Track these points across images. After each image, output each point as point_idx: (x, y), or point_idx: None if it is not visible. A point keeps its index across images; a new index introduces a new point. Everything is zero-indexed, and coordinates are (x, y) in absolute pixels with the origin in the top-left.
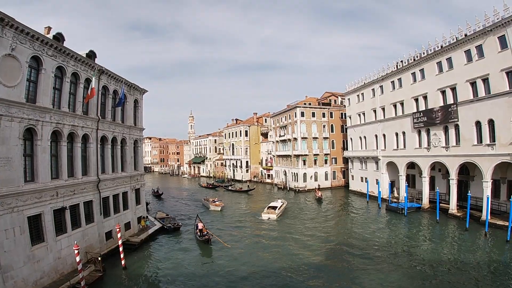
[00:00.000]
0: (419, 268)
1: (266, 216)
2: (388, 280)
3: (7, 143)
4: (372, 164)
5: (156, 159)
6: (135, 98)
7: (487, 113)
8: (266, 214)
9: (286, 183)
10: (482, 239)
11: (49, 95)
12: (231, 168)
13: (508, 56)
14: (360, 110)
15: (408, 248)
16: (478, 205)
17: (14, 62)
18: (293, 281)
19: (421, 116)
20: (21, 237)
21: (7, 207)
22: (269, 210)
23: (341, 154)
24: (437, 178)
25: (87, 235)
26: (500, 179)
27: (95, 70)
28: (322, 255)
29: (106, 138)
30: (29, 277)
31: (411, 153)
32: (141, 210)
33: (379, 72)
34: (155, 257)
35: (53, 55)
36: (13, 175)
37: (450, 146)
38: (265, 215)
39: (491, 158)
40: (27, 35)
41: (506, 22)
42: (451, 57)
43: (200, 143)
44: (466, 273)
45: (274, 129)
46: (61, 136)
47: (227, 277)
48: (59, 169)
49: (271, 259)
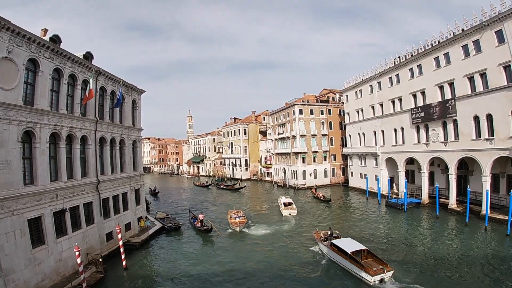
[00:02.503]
0: (420, 263)
1: (287, 212)
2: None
3: (5, 146)
4: (371, 161)
5: (155, 159)
6: (133, 99)
7: (485, 107)
8: (287, 211)
9: (286, 180)
10: (482, 233)
11: (47, 97)
12: (231, 167)
13: (505, 51)
14: (358, 107)
15: (408, 244)
16: (477, 200)
17: (11, 65)
18: (290, 276)
19: (419, 111)
20: (22, 240)
21: (7, 210)
22: (287, 207)
23: (340, 151)
24: (436, 174)
25: (87, 236)
26: (499, 173)
27: (92, 71)
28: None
29: (105, 139)
30: (30, 280)
31: (410, 149)
32: (141, 211)
33: (376, 69)
34: (156, 257)
35: (50, 57)
36: (12, 178)
37: (449, 141)
38: (285, 211)
39: (490, 152)
40: (24, 37)
41: (503, 17)
42: (448, 52)
43: (199, 142)
44: (467, 268)
45: (273, 127)
46: (59, 138)
47: (229, 275)
48: (58, 171)
49: (272, 257)
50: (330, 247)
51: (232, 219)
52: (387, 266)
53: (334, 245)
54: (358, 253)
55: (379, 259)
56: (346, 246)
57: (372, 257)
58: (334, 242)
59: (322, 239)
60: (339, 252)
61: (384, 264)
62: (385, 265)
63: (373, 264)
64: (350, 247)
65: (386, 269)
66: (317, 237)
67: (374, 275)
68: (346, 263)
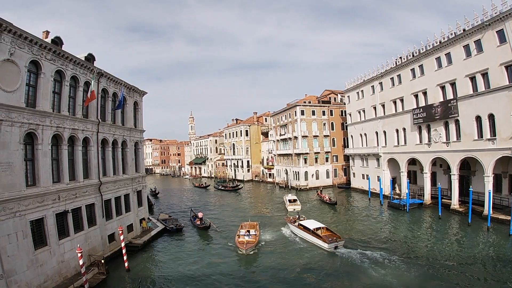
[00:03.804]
0: (422, 264)
1: (292, 208)
2: (390, 276)
3: (7, 148)
4: (373, 161)
5: (157, 161)
6: (134, 100)
7: (487, 107)
8: (292, 206)
9: (288, 181)
10: (485, 233)
11: (49, 99)
12: (232, 168)
13: (507, 50)
14: (360, 107)
15: (410, 244)
16: (480, 200)
17: (13, 67)
18: (296, 277)
19: (421, 112)
20: (24, 242)
21: (10, 211)
22: (292, 203)
23: (342, 151)
24: (438, 174)
25: (90, 238)
26: (502, 173)
27: (94, 73)
28: (323, 251)
29: (107, 140)
30: (32, 281)
31: (412, 149)
32: (143, 212)
33: (378, 69)
34: (158, 258)
35: (52, 59)
36: (14, 180)
37: (451, 142)
38: (290, 207)
39: (492, 152)
40: (26, 39)
41: (505, 16)
42: (450, 52)
43: (201, 143)
44: (469, 268)
45: (275, 128)
46: (61, 139)
47: (232, 276)
48: (61, 173)
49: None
50: (298, 226)
51: (240, 237)
52: (339, 237)
53: (301, 225)
54: (318, 229)
55: (334, 233)
56: (310, 224)
57: (329, 232)
58: (301, 223)
59: (292, 221)
60: (305, 230)
61: (337, 236)
62: (338, 237)
63: (329, 236)
64: (312, 225)
65: (339, 239)
66: (288, 220)
67: (329, 243)
68: (310, 237)
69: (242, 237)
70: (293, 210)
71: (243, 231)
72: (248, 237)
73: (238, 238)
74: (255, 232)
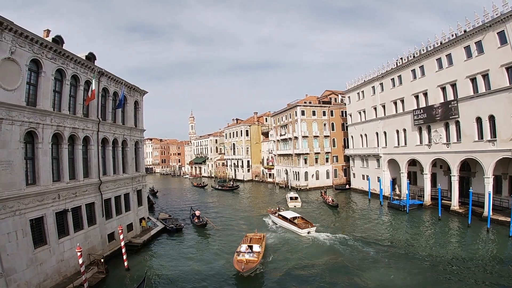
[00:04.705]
0: (422, 265)
1: (293, 204)
2: (390, 277)
3: (8, 147)
4: (373, 162)
5: (157, 160)
6: (135, 100)
7: (488, 109)
8: (292, 203)
9: (288, 182)
10: (484, 235)
11: (49, 98)
12: (233, 168)
13: (507, 52)
14: (361, 108)
15: (410, 245)
16: (480, 201)
17: (14, 66)
18: (296, 276)
19: (421, 113)
20: (24, 240)
21: (9, 210)
22: (293, 200)
23: (342, 152)
24: (438, 175)
25: (89, 237)
26: (502, 175)
27: (94, 72)
28: (323, 252)
29: (107, 140)
30: (32, 280)
31: (412, 150)
32: (143, 211)
33: (379, 70)
34: (158, 258)
35: (53, 58)
36: (14, 179)
37: (451, 143)
38: (291, 204)
39: (492, 154)
40: (26, 38)
41: (506, 18)
42: (450, 53)
43: (201, 143)
44: (469, 269)
45: (275, 128)
46: (62, 138)
47: (228, 277)
48: (61, 172)
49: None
50: (278, 217)
51: (240, 254)
52: (311, 224)
53: (280, 215)
54: (295, 218)
55: (308, 221)
56: (287, 214)
57: (304, 220)
58: (280, 213)
59: (273, 213)
60: (283, 219)
61: (310, 223)
62: (310, 224)
63: (303, 223)
64: (289, 215)
65: (311, 225)
66: (269, 212)
67: (303, 229)
68: (288, 225)
69: (242, 255)
70: (294, 206)
71: (244, 246)
72: (249, 254)
73: (237, 255)
74: (259, 248)
